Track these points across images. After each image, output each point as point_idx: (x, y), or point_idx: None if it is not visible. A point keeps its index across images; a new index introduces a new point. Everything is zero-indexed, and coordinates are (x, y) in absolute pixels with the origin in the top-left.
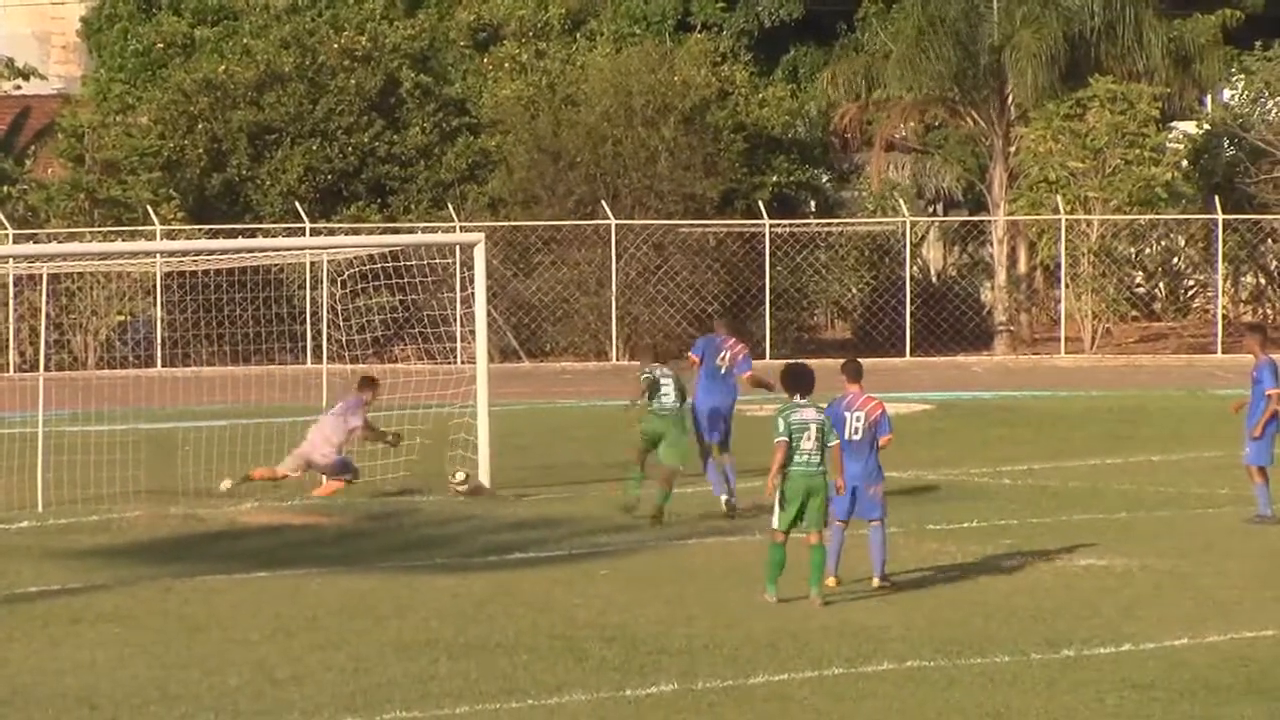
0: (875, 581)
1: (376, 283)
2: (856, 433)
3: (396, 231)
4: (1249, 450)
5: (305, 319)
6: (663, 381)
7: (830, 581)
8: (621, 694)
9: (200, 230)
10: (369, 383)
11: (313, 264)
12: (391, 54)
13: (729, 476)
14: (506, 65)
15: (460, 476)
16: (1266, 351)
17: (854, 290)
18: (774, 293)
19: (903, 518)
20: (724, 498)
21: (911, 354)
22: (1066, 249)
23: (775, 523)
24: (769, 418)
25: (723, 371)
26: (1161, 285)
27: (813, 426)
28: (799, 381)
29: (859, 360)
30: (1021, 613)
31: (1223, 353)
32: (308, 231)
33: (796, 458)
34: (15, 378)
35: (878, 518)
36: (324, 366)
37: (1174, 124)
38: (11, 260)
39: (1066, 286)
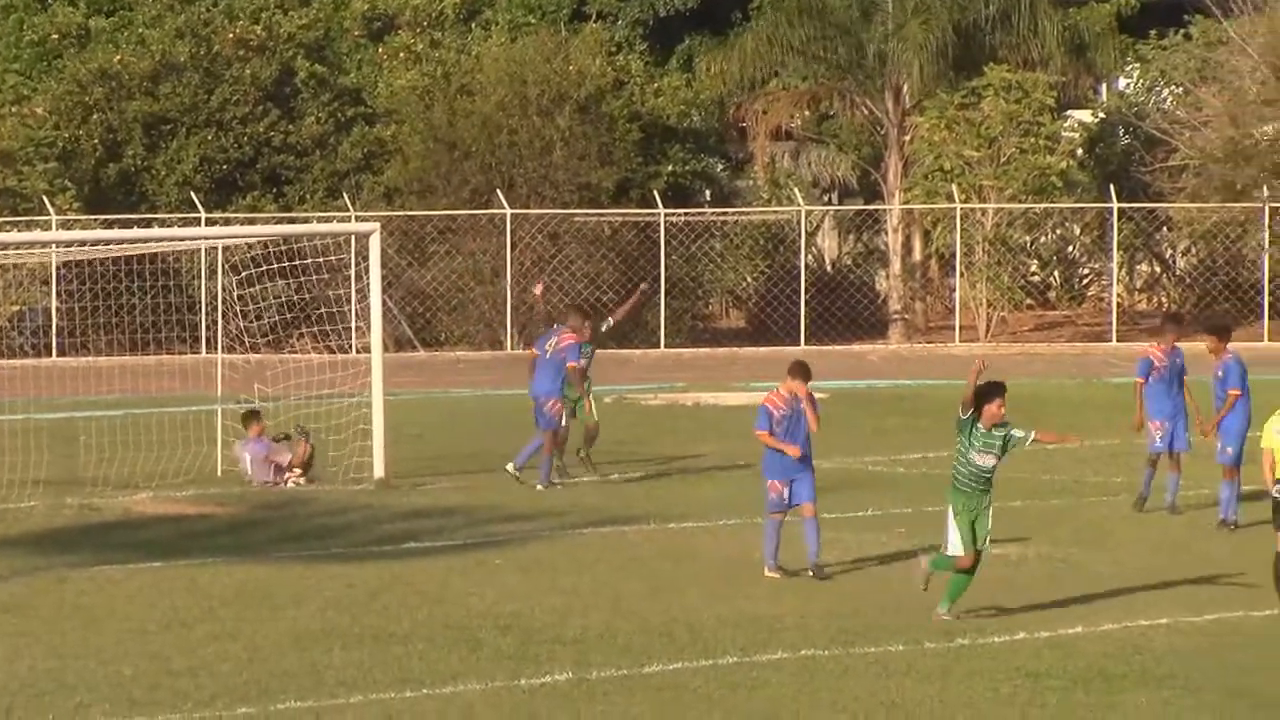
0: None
1: (272, 272)
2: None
3: (292, 221)
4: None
5: (201, 309)
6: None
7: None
8: (516, 683)
9: (96, 220)
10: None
11: (208, 254)
12: (286, 44)
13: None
14: (401, 55)
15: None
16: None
17: (749, 279)
18: (669, 282)
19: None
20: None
21: (806, 343)
22: (961, 237)
23: (959, 549)
24: (662, 406)
25: (547, 358)
26: (1056, 273)
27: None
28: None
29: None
30: (916, 601)
31: (1117, 340)
32: (203, 221)
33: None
34: None
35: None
36: (219, 356)
37: (1069, 113)
38: None
39: (961, 275)
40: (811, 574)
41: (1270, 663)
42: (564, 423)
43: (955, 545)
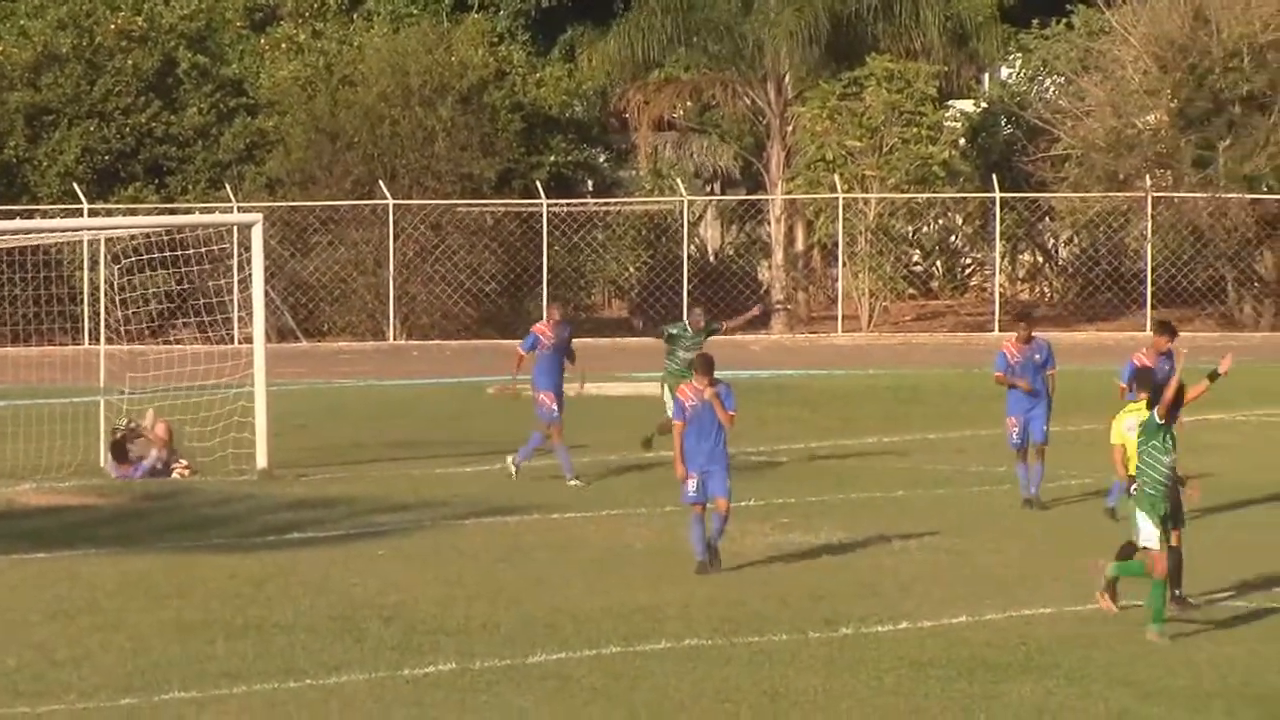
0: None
1: (154, 263)
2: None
3: (174, 212)
4: None
5: (83, 299)
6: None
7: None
8: (400, 674)
9: None
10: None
11: (90, 245)
12: (168, 34)
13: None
14: (284, 46)
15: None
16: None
17: (631, 269)
18: (551, 272)
19: (678, 496)
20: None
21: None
22: (844, 227)
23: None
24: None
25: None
26: (939, 263)
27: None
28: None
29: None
30: (799, 591)
31: (999, 330)
32: (85, 212)
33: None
34: None
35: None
36: (101, 347)
37: (951, 103)
38: None
39: (844, 265)
40: (704, 555)
41: (1153, 652)
42: (558, 414)
43: (1150, 537)
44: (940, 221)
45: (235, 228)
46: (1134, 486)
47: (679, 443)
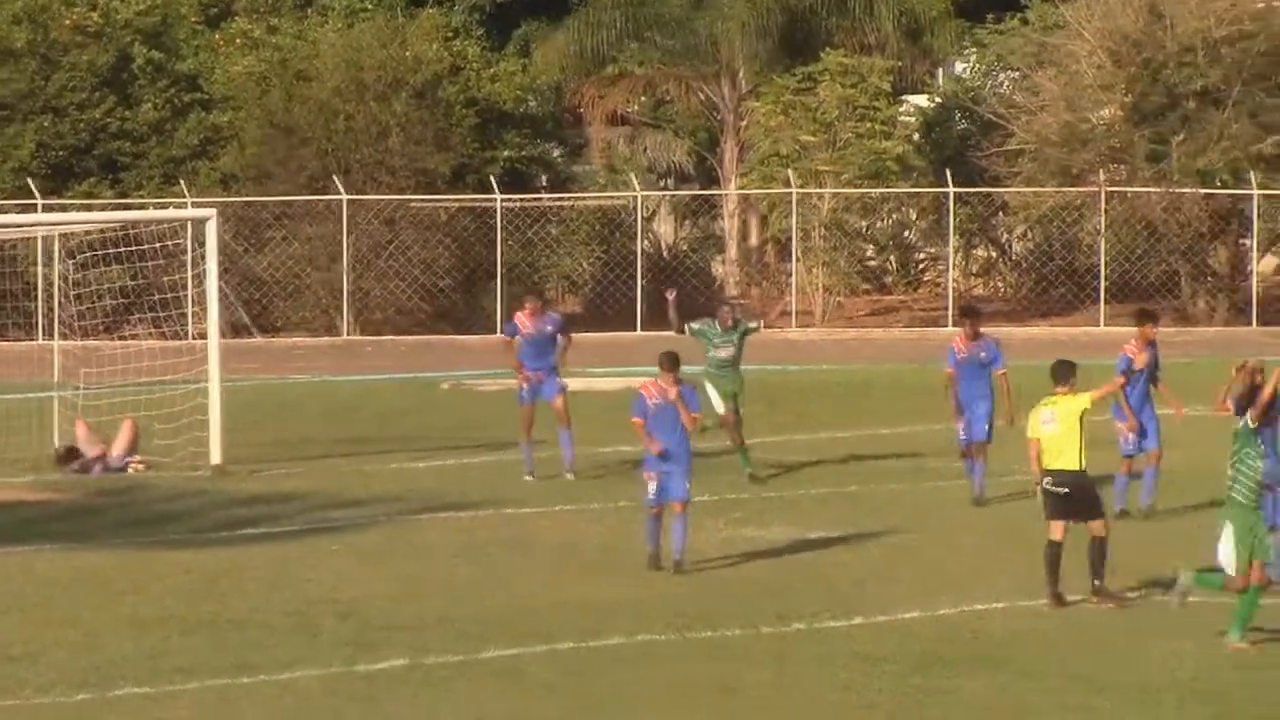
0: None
1: (109, 258)
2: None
3: (129, 207)
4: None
5: (37, 295)
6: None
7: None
8: (354, 669)
9: None
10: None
11: (44, 240)
12: (124, 30)
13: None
14: (238, 41)
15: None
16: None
17: (585, 265)
18: (505, 267)
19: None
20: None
21: (643, 329)
22: (798, 222)
23: (1234, 567)
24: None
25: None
26: (893, 258)
27: None
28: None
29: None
30: (753, 586)
31: (953, 326)
32: (40, 208)
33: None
34: None
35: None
36: (55, 343)
37: (905, 97)
38: None
39: (798, 260)
40: (655, 549)
41: (1105, 646)
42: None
43: (1230, 562)
44: (894, 216)
45: (190, 223)
46: (1227, 493)
47: (644, 435)
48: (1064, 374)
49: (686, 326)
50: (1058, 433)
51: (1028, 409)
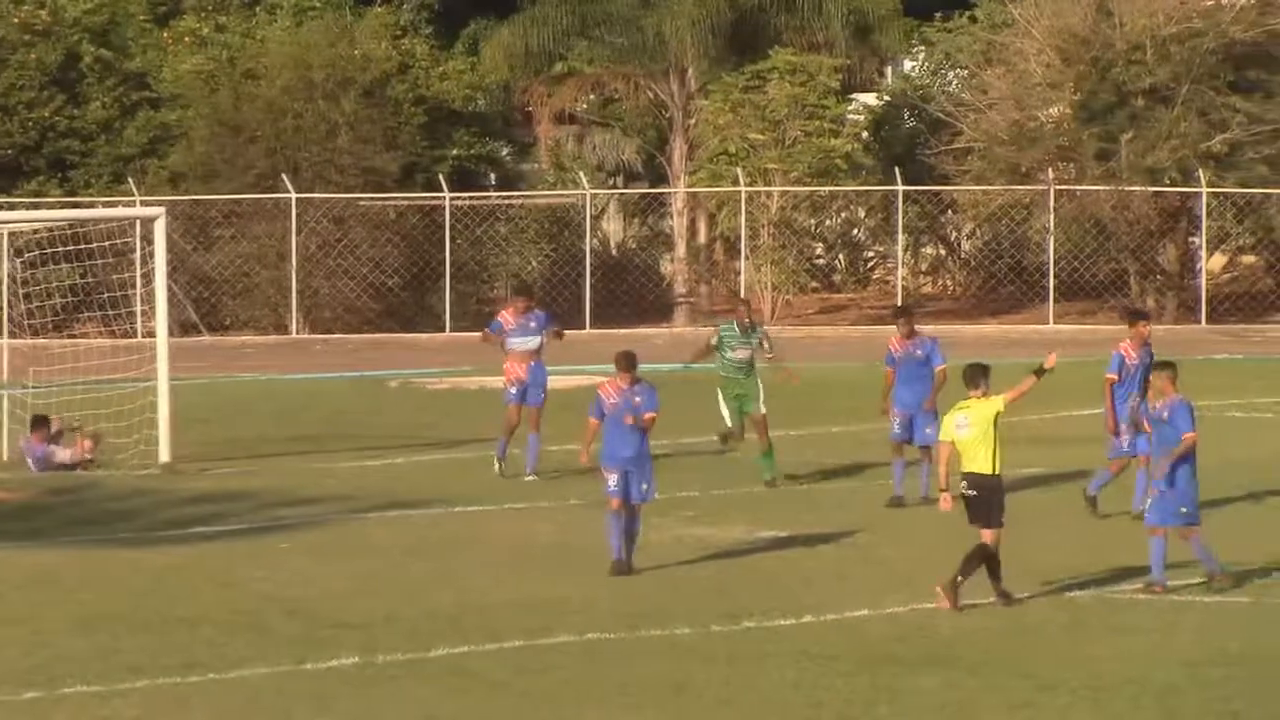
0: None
1: (58, 256)
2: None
3: (77, 206)
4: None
5: None
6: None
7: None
8: (303, 667)
9: None
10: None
11: None
12: (72, 28)
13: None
14: (187, 39)
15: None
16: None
17: (534, 263)
18: (454, 266)
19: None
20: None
21: (591, 326)
22: (746, 221)
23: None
24: (448, 390)
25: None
26: (841, 257)
27: None
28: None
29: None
30: (703, 584)
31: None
32: None
33: None
34: None
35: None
36: (4, 341)
37: (854, 96)
38: None
39: (747, 258)
40: (620, 555)
41: (1054, 644)
42: (516, 401)
43: None
44: (843, 215)
45: (138, 222)
46: None
47: (590, 436)
48: (975, 378)
49: (707, 344)
50: (971, 437)
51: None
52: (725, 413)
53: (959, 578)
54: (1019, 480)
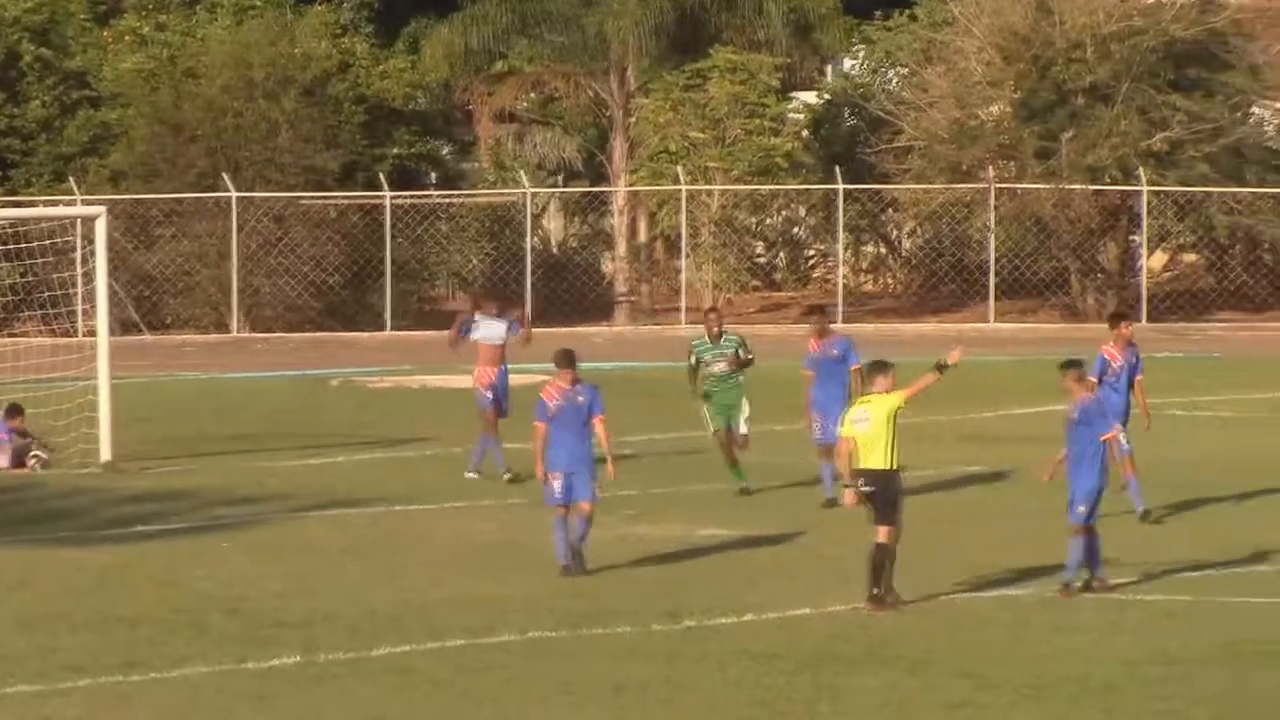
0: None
1: None
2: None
3: (17, 205)
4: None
5: None
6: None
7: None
8: (244, 666)
9: None
10: None
11: None
12: (11, 27)
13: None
14: (127, 38)
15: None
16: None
17: (475, 261)
18: (395, 264)
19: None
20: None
21: (532, 325)
22: (687, 219)
23: None
24: (389, 389)
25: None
26: (782, 255)
27: None
28: None
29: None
30: (644, 583)
31: (844, 322)
32: None
33: None
34: None
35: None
36: None
37: (795, 94)
38: None
39: (687, 257)
40: (567, 560)
41: (995, 643)
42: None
43: None
44: (784, 213)
45: (79, 220)
46: None
47: (539, 444)
48: (874, 374)
49: (689, 367)
50: (869, 432)
51: (919, 407)
52: (706, 418)
53: (874, 590)
54: (960, 478)
